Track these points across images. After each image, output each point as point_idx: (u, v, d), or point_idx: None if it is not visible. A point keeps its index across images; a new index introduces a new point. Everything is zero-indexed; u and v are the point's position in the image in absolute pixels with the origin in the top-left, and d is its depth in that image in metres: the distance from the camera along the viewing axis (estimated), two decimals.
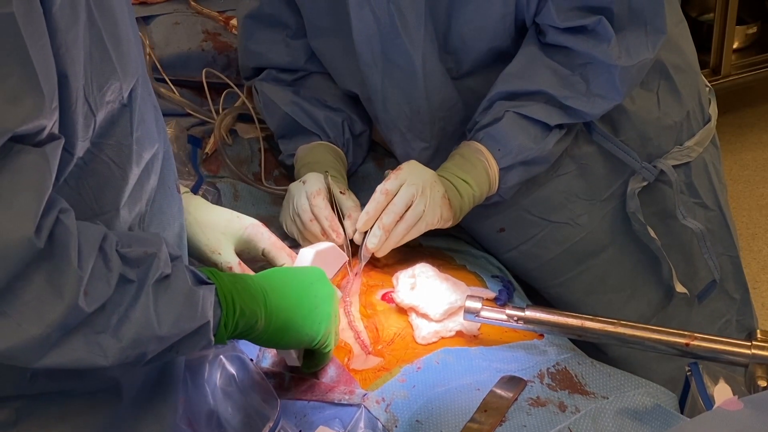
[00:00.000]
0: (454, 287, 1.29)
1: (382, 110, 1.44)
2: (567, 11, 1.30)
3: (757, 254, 2.77)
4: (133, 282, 0.86)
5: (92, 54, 0.83)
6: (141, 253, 0.87)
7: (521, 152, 1.35)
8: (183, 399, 1.14)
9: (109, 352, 0.84)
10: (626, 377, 1.18)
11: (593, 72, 1.33)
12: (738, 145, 3.14)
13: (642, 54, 1.32)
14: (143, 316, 0.86)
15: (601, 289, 1.56)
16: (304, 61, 1.55)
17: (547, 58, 1.34)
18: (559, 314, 1.21)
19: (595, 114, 1.37)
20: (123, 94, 0.89)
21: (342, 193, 1.39)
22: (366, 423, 1.11)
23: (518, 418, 1.10)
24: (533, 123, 1.35)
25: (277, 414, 1.10)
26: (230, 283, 0.99)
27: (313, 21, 1.48)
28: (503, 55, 1.39)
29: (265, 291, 1.04)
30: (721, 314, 1.66)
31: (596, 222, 1.51)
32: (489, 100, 1.38)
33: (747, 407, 0.78)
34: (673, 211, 1.50)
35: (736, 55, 3.05)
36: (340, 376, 1.18)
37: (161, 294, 0.88)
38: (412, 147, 1.46)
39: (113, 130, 0.90)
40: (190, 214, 1.26)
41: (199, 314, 0.92)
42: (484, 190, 1.36)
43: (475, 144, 1.36)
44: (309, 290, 1.10)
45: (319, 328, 1.10)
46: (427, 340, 1.24)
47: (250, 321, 1.01)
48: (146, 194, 0.98)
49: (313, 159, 1.48)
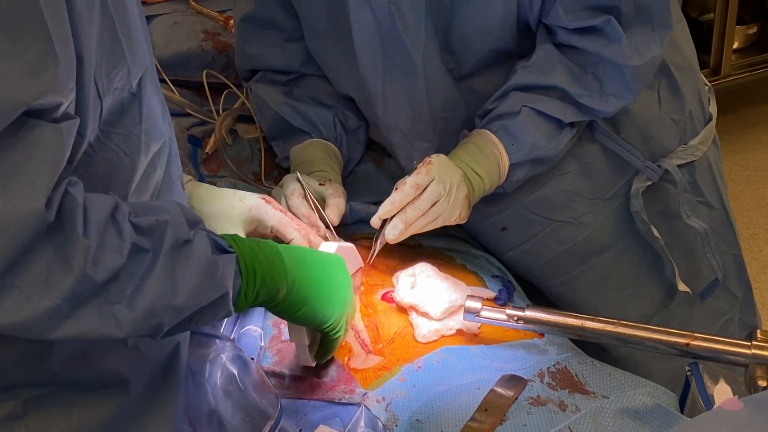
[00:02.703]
0: (454, 286, 1.29)
1: (382, 112, 1.44)
2: (575, 12, 1.29)
3: (757, 254, 2.77)
4: (148, 251, 0.85)
5: (103, 39, 0.84)
6: (153, 221, 0.86)
7: (534, 149, 1.35)
8: (184, 398, 1.14)
9: (123, 322, 0.83)
10: (626, 377, 1.18)
11: (605, 71, 1.33)
12: (738, 145, 3.14)
13: (651, 51, 1.32)
14: (159, 286, 0.85)
15: (603, 288, 1.56)
16: (299, 64, 1.55)
17: (562, 56, 1.34)
18: (559, 314, 1.21)
19: (608, 112, 1.37)
20: (132, 81, 0.90)
21: (322, 185, 1.38)
22: (366, 422, 1.11)
23: (519, 418, 1.10)
24: (548, 120, 1.35)
25: (278, 413, 1.10)
26: (252, 252, 0.98)
27: (310, 23, 1.48)
28: (505, 55, 1.39)
29: (289, 261, 1.03)
30: (723, 312, 1.66)
31: (599, 221, 1.51)
32: (504, 90, 1.37)
33: (747, 407, 0.78)
34: (677, 210, 1.51)
35: (736, 55, 3.05)
36: (341, 375, 1.19)
37: (179, 262, 0.87)
38: (414, 147, 1.46)
39: (122, 119, 0.90)
40: (194, 208, 1.26)
41: (218, 284, 0.91)
42: (493, 184, 1.36)
43: (489, 135, 1.35)
44: (330, 272, 1.10)
45: (334, 311, 1.10)
46: (427, 339, 1.24)
47: (272, 290, 1.00)
48: (151, 187, 0.98)
49: (305, 158, 1.47)
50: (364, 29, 1.35)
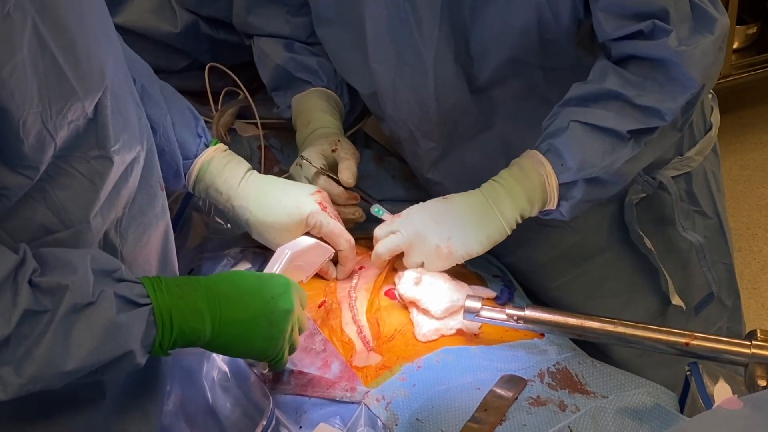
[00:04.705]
0: (457, 287, 1.29)
1: (391, 107, 1.43)
2: (617, 20, 1.24)
3: (757, 254, 2.77)
4: (45, 312, 0.84)
5: (47, 80, 0.82)
6: (54, 284, 0.85)
7: (584, 168, 1.25)
8: (179, 396, 1.14)
9: (8, 386, 0.83)
10: (626, 377, 1.18)
11: (662, 69, 1.25)
12: (738, 145, 3.14)
13: (702, 37, 1.24)
14: (48, 353, 0.84)
15: (598, 294, 1.56)
16: (306, 36, 1.55)
17: (616, 66, 1.28)
18: (559, 313, 1.21)
19: (672, 109, 1.25)
20: (87, 110, 0.88)
21: (334, 150, 1.41)
22: (366, 421, 1.11)
23: (518, 418, 1.10)
24: (603, 134, 1.25)
25: (271, 407, 1.10)
26: (172, 298, 0.96)
27: (318, 11, 1.47)
28: (526, 65, 1.36)
29: (218, 303, 1.00)
30: (714, 321, 1.66)
31: (592, 225, 1.50)
32: (558, 107, 1.31)
33: (747, 406, 0.78)
34: (672, 219, 1.50)
35: (736, 55, 3.05)
36: (343, 373, 1.18)
37: (75, 326, 0.86)
38: (419, 146, 1.45)
39: (78, 143, 0.89)
40: (251, 214, 1.29)
41: (119, 345, 0.89)
42: (535, 205, 1.28)
43: (537, 155, 1.28)
44: (267, 306, 1.05)
45: (270, 345, 1.07)
46: (427, 338, 1.24)
47: (191, 337, 0.98)
48: (123, 199, 0.97)
49: (306, 106, 1.48)
50: (378, 25, 1.34)
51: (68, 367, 0.85)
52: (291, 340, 1.10)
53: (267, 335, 1.05)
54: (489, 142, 1.44)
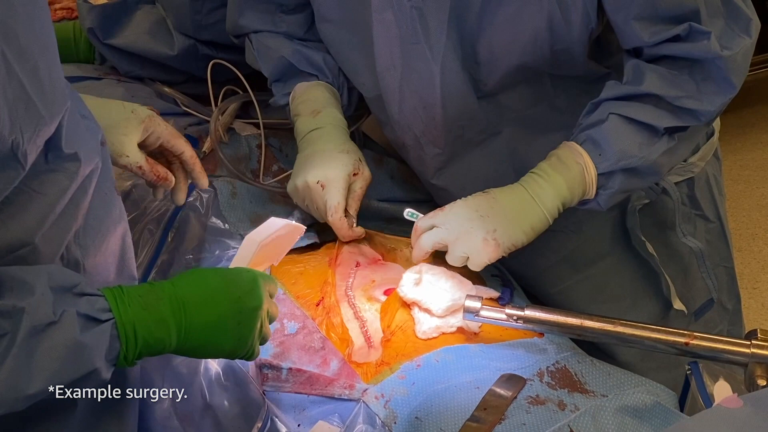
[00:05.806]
0: (459, 285, 1.29)
1: (397, 112, 1.43)
2: (653, 26, 1.24)
3: (757, 254, 2.77)
4: (4, 336, 0.83)
5: (17, 106, 0.81)
6: (10, 307, 0.84)
7: (623, 158, 1.27)
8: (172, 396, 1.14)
9: None
10: (626, 375, 1.18)
11: (700, 69, 1.26)
12: (738, 145, 3.14)
13: (741, 39, 1.25)
14: (9, 377, 0.82)
15: (600, 298, 1.56)
16: (302, 33, 1.54)
17: (652, 65, 1.28)
18: (559, 313, 1.21)
19: (710, 112, 1.27)
20: (51, 131, 0.87)
21: (355, 174, 1.39)
22: (364, 418, 1.11)
23: (517, 417, 1.09)
24: (639, 127, 1.27)
25: (265, 409, 1.10)
26: (136, 311, 0.94)
27: (321, 11, 1.46)
28: (536, 73, 1.36)
29: (183, 309, 0.98)
30: (714, 325, 1.66)
31: (594, 230, 1.50)
32: (595, 103, 1.32)
33: (747, 405, 0.78)
34: (674, 223, 1.50)
35: None
36: (342, 370, 1.18)
37: (37, 348, 0.84)
38: (425, 152, 1.45)
39: (36, 162, 0.87)
40: None
41: (84, 364, 0.88)
42: (575, 194, 1.30)
43: (574, 146, 1.30)
44: (235, 306, 1.02)
45: (239, 345, 1.04)
46: (427, 335, 1.24)
47: (156, 348, 0.96)
48: (82, 210, 0.95)
49: (310, 96, 1.47)
50: (385, 31, 1.34)
51: (31, 390, 0.84)
52: (261, 335, 1.08)
53: (236, 336, 1.03)
54: (496, 149, 1.44)
